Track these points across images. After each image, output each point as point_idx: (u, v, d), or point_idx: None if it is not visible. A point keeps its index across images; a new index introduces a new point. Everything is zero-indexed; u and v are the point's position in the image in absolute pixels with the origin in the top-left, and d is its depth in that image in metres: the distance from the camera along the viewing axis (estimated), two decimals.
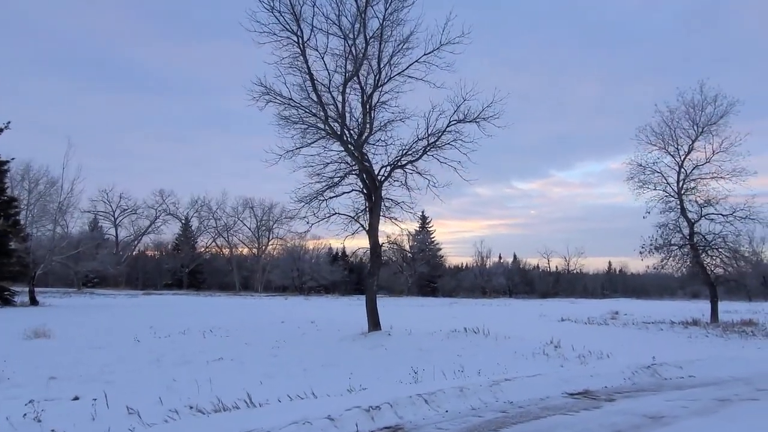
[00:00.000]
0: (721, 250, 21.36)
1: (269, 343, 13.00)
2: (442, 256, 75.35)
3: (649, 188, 22.41)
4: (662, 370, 9.18)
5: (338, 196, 15.54)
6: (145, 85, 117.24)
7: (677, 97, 21.63)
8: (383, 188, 15.34)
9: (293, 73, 14.39)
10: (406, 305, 37.10)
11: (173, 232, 72.10)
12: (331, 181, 15.38)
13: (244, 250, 73.17)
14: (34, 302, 28.81)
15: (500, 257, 79.92)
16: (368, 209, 15.37)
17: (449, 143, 14.95)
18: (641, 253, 22.34)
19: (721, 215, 21.04)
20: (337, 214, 15.49)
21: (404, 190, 15.53)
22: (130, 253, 68.44)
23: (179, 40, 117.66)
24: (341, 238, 15.64)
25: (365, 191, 15.44)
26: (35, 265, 30.60)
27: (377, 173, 15.30)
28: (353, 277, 69.04)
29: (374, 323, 14.93)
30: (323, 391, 7.59)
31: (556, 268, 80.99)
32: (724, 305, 28.71)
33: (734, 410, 6.58)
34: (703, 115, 20.98)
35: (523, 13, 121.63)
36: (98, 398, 7.03)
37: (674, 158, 21.97)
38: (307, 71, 14.25)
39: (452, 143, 14.94)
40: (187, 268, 67.90)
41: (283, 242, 68.98)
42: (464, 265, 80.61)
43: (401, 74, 14.87)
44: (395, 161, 15.29)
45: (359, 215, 15.57)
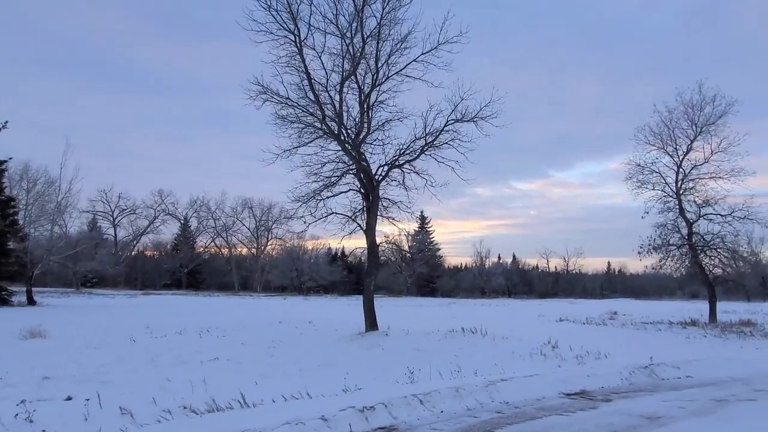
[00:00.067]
0: (719, 250, 21.31)
1: (266, 343, 12.96)
2: (441, 256, 75.50)
3: (647, 188, 22.36)
4: (659, 370, 9.14)
5: (335, 195, 15.55)
6: (145, 85, 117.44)
7: (676, 97, 21.55)
8: (381, 188, 15.30)
9: (290, 72, 14.40)
10: (404, 305, 37.07)
11: (172, 232, 72.26)
12: (328, 180, 15.36)
13: (243, 250, 73.31)
14: (31, 302, 28.76)
15: (499, 257, 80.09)
16: (366, 209, 15.33)
17: (447, 143, 14.95)
18: (640, 253, 22.31)
19: (719, 215, 20.99)
20: (334, 213, 15.48)
21: (402, 189, 15.57)
22: (128, 253, 68.39)
23: (179, 40, 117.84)
24: (338, 237, 15.65)
25: (363, 191, 15.40)
26: (33, 264, 30.57)
27: (375, 173, 15.26)
28: (352, 277, 69.00)
29: (371, 323, 14.88)
30: (318, 391, 7.56)
31: (555, 268, 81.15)
32: (722, 305, 28.72)
33: (732, 411, 6.55)
34: (701, 115, 20.94)
35: (521, 12, 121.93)
36: (92, 398, 7.00)
37: (673, 158, 21.92)
38: (304, 70, 14.22)
39: (450, 143, 14.93)
40: (186, 268, 67.84)
41: (282, 242, 69.09)
42: (463, 265, 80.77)
43: (399, 73, 14.87)
44: (393, 161, 15.27)
45: (357, 215, 15.55)
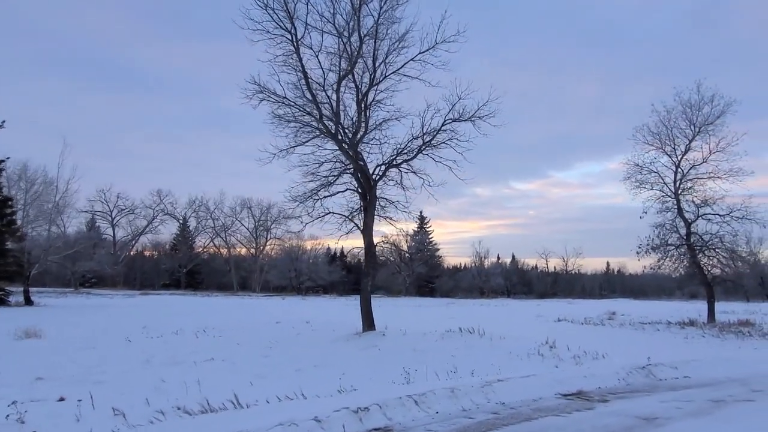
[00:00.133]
0: (718, 250, 21.27)
1: (262, 343, 12.90)
2: (440, 256, 75.44)
3: (646, 188, 22.32)
4: (657, 370, 9.10)
5: (333, 195, 15.48)
6: (145, 85, 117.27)
7: (674, 96, 21.49)
8: (378, 187, 15.24)
9: (287, 71, 14.32)
10: (403, 305, 37.01)
11: (171, 232, 72.13)
12: (325, 180, 15.30)
13: (242, 250, 73.19)
14: (28, 302, 28.69)
15: (498, 258, 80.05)
16: (363, 209, 15.27)
17: (444, 142, 14.90)
18: (638, 253, 22.28)
19: (717, 215, 20.95)
20: (331, 213, 15.41)
21: (399, 189, 15.51)
22: (127, 253, 68.26)
23: (179, 40, 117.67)
24: (336, 237, 15.59)
25: (360, 190, 15.33)
26: (30, 264, 30.49)
27: (372, 172, 15.21)
28: (351, 277, 68.90)
29: (369, 323, 14.83)
30: (313, 391, 7.51)
31: (554, 268, 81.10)
32: (721, 305, 28.69)
33: (729, 412, 6.51)
34: (700, 114, 20.89)
35: (522, 12, 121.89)
36: (85, 399, 6.94)
37: (671, 158, 21.87)
38: (301, 69, 14.15)
39: (447, 142, 14.88)
40: (184, 268, 67.73)
41: (280, 242, 68.99)
42: (462, 265, 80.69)
43: (396, 73, 14.80)
44: (390, 160, 15.21)
45: (354, 215, 15.50)
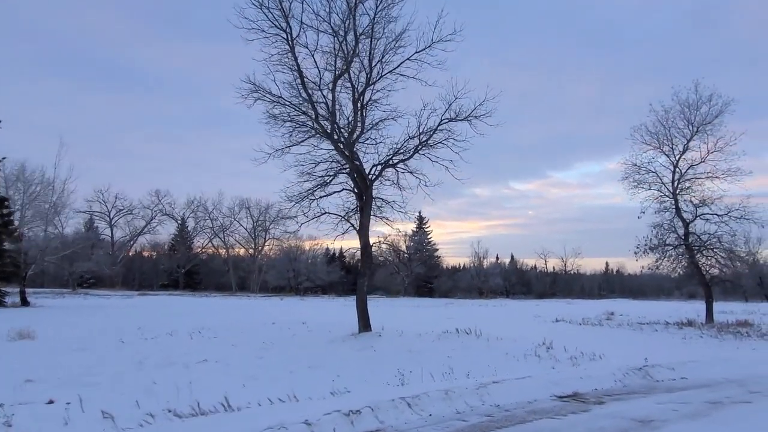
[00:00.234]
0: (716, 250, 21.21)
1: (257, 344, 12.78)
2: (438, 256, 75.36)
3: (644, 188, 22.25)
4: (654, 371, 9.03)
5: (329, 195, 15.35)
6: (145, 85, 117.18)
7: (672, 96, 21.44)
8: (374, 187, 15.15)
9: (282, 70, 14.21)
10: (401, 306, 36.94)
11: (169, 232, 72.02)
12: (321, 180, 15.18)
13: (240, 250, 73.03)
14: (25, 303, 28.59)
15: (497, 258, 79.99)
16: (359, 209, 15.17)
17: (441, 142, 14.80)
18: (636, 253, 22.19)
19: (716, 215, 20.89)
20: (327, 213, 15.29)
21: (396, 189, 15.39)
22: (125, 253, 68.11)
23: (179, 40, 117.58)
24: (331, 237, 15.48)
25: (356, 190, 15.23)
26: (26, 265, 30.37)
27: (368, 172, 15.11)
28: (350, 277, 68.72)
29: (365, 324, 14.73)
30: (307, 393, 7.43)
31: (553, 268, 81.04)
32: (720, 306, 28.66)
33: (726, 413, 6.44)
34: (698, 114, 20.83)
35: (522, 12, 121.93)
36: (74, 402, 6.84)
37: (669, 158, 21.81)
38: (296, 68, 14.04)
39: (444, 142, 14.79)
40: (183, 268, 67.60)
41: (279, 243, 68.79)
42: (461, 265, 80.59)
43: (393, 72, 14.68)
44: (386, 160, 15.10)
45: (350, 215, 15.37)
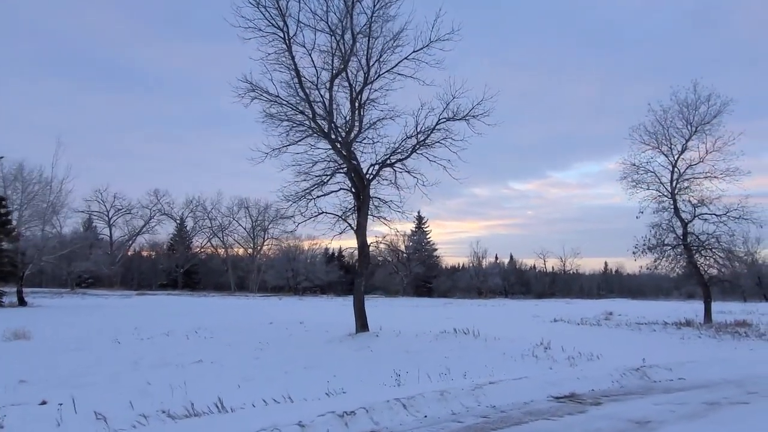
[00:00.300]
0: (714, 250, 21.17)
1: (253, 344, 12.73)
2: (437, 256, 75.21)
3: (642, 188, 22.19)
4: (651, 372, 8.98)
5: (326, 195, 15.30)
6: (145, 85, 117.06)
7: (671, 96, 21.39)
8: (371, 187, 15.09)
9: (279, 69, 14.15)
10: (400, 306, 36.89)
11: (168, 232, 71.87)
12: (318, 179, 15.13)
13: (239, 250, 72.91)
14: (22, 303, 28.52)
15: (497, 258, 79.91)
16: (356, 208, 15.12)
17: (439, 141, 14.77)
18: (634, 253, 22.12)
19: (714, 215, 20.85)
20: (324, 213, 15.25)
21: (393, 188, 15.35)
22: (124, 253, 67.99)
23: (179, 40, 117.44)
24: (329, 237, 15.44)
25: (353, 190, 15.17)
26: (24, 265, 30.29)
27: (365, 172, 15.05)
28: (349, 277, 68.59)
29: (362, 324, 14.67)
30: (302, 394, 7.39)
31: (552, 268, 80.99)
32: (718, 306, 28.60)
33: (723, 414, 6.39)
34: (696, 114, 20.79)
35: (522, 12, 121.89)
36: (68, 403, 6.80)
37: (667, 158, 21.75)
38: (293, 67, 13.99)
39: (442, 141, 14.76)
40: (182, 268, 67.48)
41: (278, 242, 68.71)
42: (460, 265, 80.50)
43: (390, 71, 14.64)
44: (384, 159, 15.06)
45: (347, 214, 15.32)
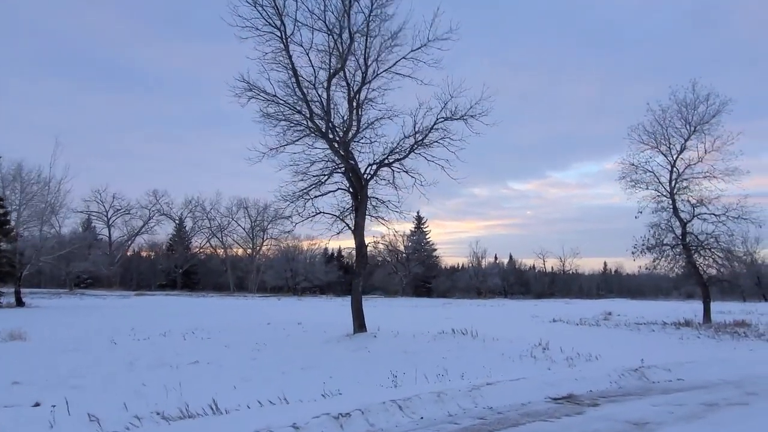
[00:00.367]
0: (713, 250, 21.12)
1: (250, 345, 12.66)
2: (437, 256, 75.07)
3: (641, 188, 22.13)
4: (650, 373, 8.94)
5: (323, 194, 15.22)
6: (145, 85, 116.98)
7: (669, 95, 21.34)
8: (369, 187, 15.03)
9: (277, 69, 14.05)
10: (399, 306, 36.83)
11: (167, 232, 71.75)
12: (316, 179, 15.06)
13: (238, 250, 72.80)
14: (20, 303, 28.45)
15: (496, 258, 79.88)
16: (354, 208, 15.06)
17: (437, 141, 14.71)
18: (633, 253, 22.07)
19: (713, 215, 20.80)
20: (321, 213, 15.18)
21: (391, 188, 15.29)
22: (123, 253, 67.89)
23: (179, 40, 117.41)
24: (326, 237, 15.38)
25: (351, 190, 15.11)
26: (22, 265, 30.22)
27: (363, 172, 14.99)
28: (348, 277, 68.46)
29: (360, 324, 14.62)
30: (298, 395, 7.34)
31: (551, 268, 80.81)
32: (717, 306, 28.54)
33: (722, 416, 6.35)
34: (695, 114, 20.73)
35: (522, 12, 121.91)
36: (61, 404, 6.74)
37: (666, 157, 21.70)
38: (291, 67, 13.90)
39: (440, 141, 14.70)
40: (181, 268, 67.37)
41: (277, 243, 68.62)
42: (460, 265, 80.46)
43: (388, 71, 14.58)
44: (382, 159, 15.00)
45: (345, 214, 15.27)
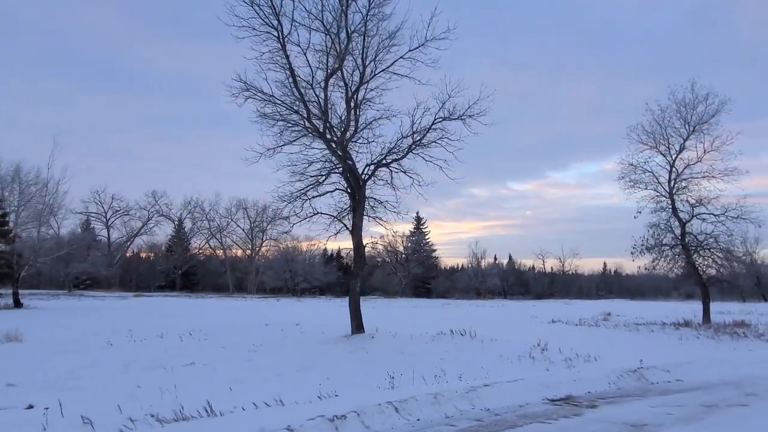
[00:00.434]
0: (713, 250, 21.05)
1: (247, 346, 12.60)
2: (436, 257, 74.95)
3: (640, 188, 22.03)
4: (649, 374, 8.88)
5: (321, 195, 15.16)
6: (145, 85, 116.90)
7: (668, 95, 21.27)
8: (367, 187, 14.97)
9: (274, 69, 13.99)
10: (398, 306, 36.78)
11: (166, 233, 71.62)
12: (314, 179, 15.00)
13: (237, 251, 72.68)
14: (17, 304, 28.35)
15: (495, 258, 79.71)
16: (352, 209, 15.00)
17: (435, 141, 14.66)
18: (632, 253, 21.97)
19: (712, 215, 20.72)
20: (319, 213, 15.12)
21: (389, 189, 15.23)
22: (122, 254, 67.77)
23: (179, 40, 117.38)
24: (324, 238, 15.32)
25: (349, 190, 15.05)
26: (20, 266, 30.14)
27: (361, 172, 14.93)
28: (347, 278, 68.29)
29: (357, 325, 14.55)
30: (293, 397, 7.28)
31: (551, 269, 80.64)
32: (717, 306, 28.47)
33: (721, 417, 6.30)
34: (694, 113, 20.65)
35: (522, 12, 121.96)
36: (55, 406, 6.68)
37: (665, 157, 21.60)
38: (288, 67, 13.85)
39: (438, 141, 14.64)
40: (180, 269, 67.25)
41: (276, 243, 68.50)
42: (459, 266, 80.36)
43: (386, 71, 14.52)
44: (379, 159, 14.94)
45: (343, 215, 15.21)
